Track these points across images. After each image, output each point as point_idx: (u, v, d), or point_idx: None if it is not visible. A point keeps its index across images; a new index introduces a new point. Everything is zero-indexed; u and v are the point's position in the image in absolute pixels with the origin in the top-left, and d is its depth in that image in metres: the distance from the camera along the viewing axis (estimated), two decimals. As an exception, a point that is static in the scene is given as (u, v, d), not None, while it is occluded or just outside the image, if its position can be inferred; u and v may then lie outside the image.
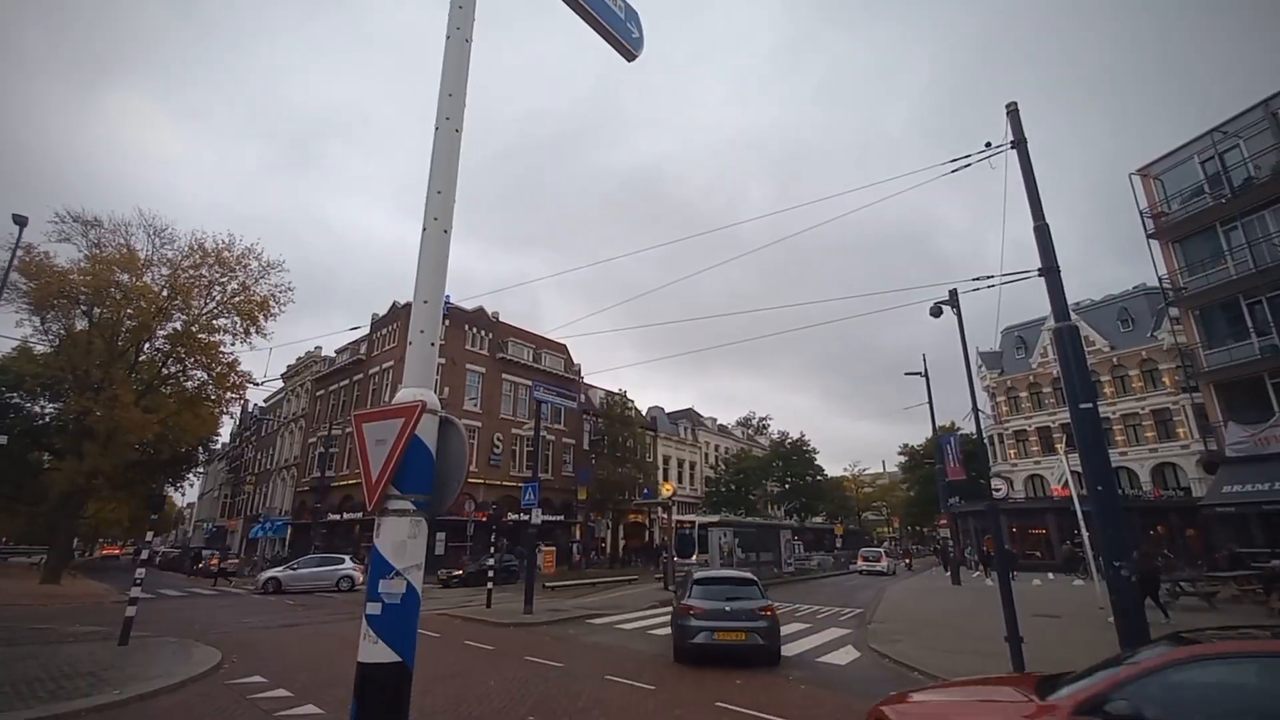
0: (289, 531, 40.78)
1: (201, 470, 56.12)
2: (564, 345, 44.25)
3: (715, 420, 62.86)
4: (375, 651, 2.70)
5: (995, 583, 12.65)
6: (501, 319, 39.93)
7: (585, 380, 45.50)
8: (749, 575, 12.07)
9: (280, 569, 24.45)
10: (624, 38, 4.55)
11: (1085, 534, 20.48)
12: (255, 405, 57.56)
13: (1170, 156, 23.81)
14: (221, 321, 25.24)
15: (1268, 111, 20.78)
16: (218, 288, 24.76)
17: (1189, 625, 13.00)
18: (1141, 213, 24.00)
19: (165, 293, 23.62)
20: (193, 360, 25.77)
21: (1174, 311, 25.65)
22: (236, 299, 24.99)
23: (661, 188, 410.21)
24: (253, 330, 25.24)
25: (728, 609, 10.33)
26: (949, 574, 28.52)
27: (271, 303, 25.27)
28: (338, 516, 34.74)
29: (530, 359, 40.40)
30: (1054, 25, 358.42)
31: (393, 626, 2.74)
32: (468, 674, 9.20)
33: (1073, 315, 10.17)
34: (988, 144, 10.63)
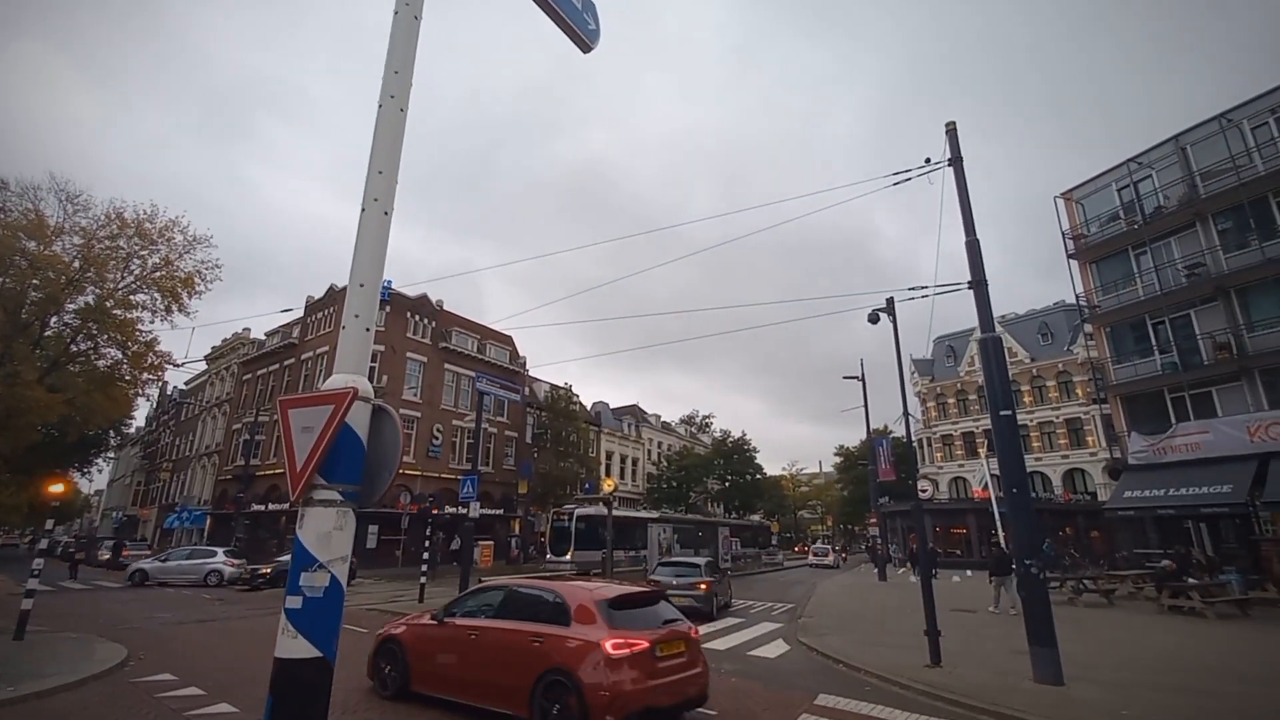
0: (208, 522, 38.71)
1: (112, 455, 52.50)
2: (509, 337, 43.63)
3: (659, 417, 63.32)
4: (294, 647, 2.61)
5: (919, 579, 13.23)
6: (445, 308, 39.00)
7: (530, 373, 45.00)
8: (697, 560, 17.17)
9: (149, 560, 24.10)
10: (581, 29, 4.51)
11: (1001, 534, 21.69)
12: (175, 388, 54.28)
13: (1091, 182, 25.44)
14: (140, 297, 23.55)
15: (1178, 146, 22.48)
16: (137, 261, 23.10)
17: (1087, 620, 13.95)
18: (1063, 234, 25.55)
19: (77, 264, 21.88)
20: (106, 337, 23.96)
21: (1088, 328, 27.50)
22: (158, 274, 23.38)
23: (608, 183, 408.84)
24: (175, 308, 23.67)
25: (675, 582, 15.16)
26: (877, 571, 29.70)
27: (197, 280, 23.75)
28: (262, 507, 33.19)
29: (474, 349, 39.61)
30: (987, 53, 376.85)
31: (314, 621, 2.65)
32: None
33: (997, 327, 10.75)
34: (927, 160, 11.09)
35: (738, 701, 7.77)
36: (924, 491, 21.22)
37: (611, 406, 57.49)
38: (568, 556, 27.56)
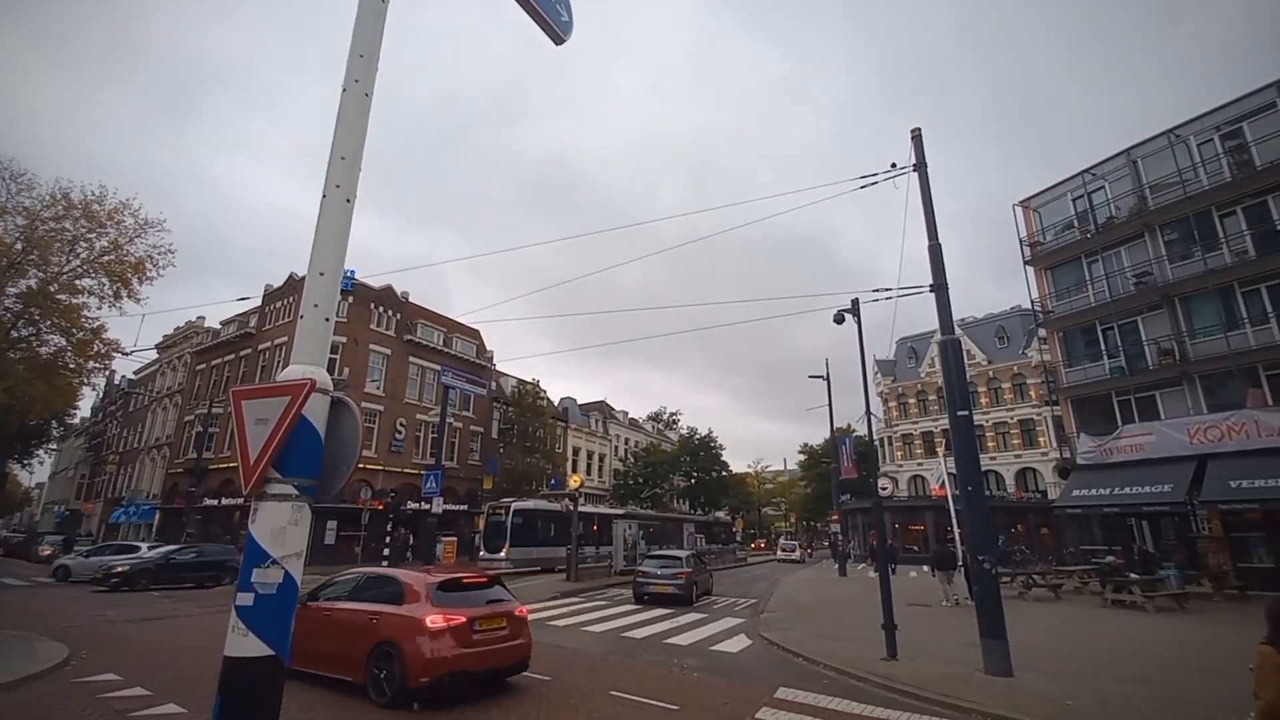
0: (157, 517, 37.33)
1: (54, 447, 50.26)
2: (477, 330, 43.07)
3: (627, 414, 63.35)
4: (245, 645, 2.53)
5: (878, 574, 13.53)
6: (411, 300, 38.29)
7: (497, 367, 44.53)
8: (679, 554, 19.30)
9: (71, 556, 23.75)
10: (554, 20, 4.45)
11: (957, 531, 22.29)
12: (123, 377, 52.15)
13: (1048, 191, 26.32)
14: (87, 282, 22.49)
15: (1129, 159, 23.40)
16: (84, 244, 22.07)
17: (1036, 614, 14.40)
18: (1021, 241, 26.38)
19: (19, 245, 20.84)
20: (49, 323, 22.89)
21: (1042, 332, 28.46)
22: (106, 258, 22.37)
23: (575, 176, 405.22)
24: (124, 294, 22.72)
25: (659, 573, 17.61)
26: (837, 566, 30.29)
27: (148, 265, 22.82)
28: (215, 501, 32.17)
29: (440, 343, 38.99)
30: (951, 64, 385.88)
31: (266, 618, 2.58)
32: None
33: (957, 330, 11.02)
34: (893, 165, 11.31)
35: (699, 696, 7.84)
36: (884, 489, 21.79)
37: (579, 402, 57.31)
38: (502, 554, 25.85)
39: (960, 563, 19.00)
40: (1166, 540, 22.44)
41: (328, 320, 3.01)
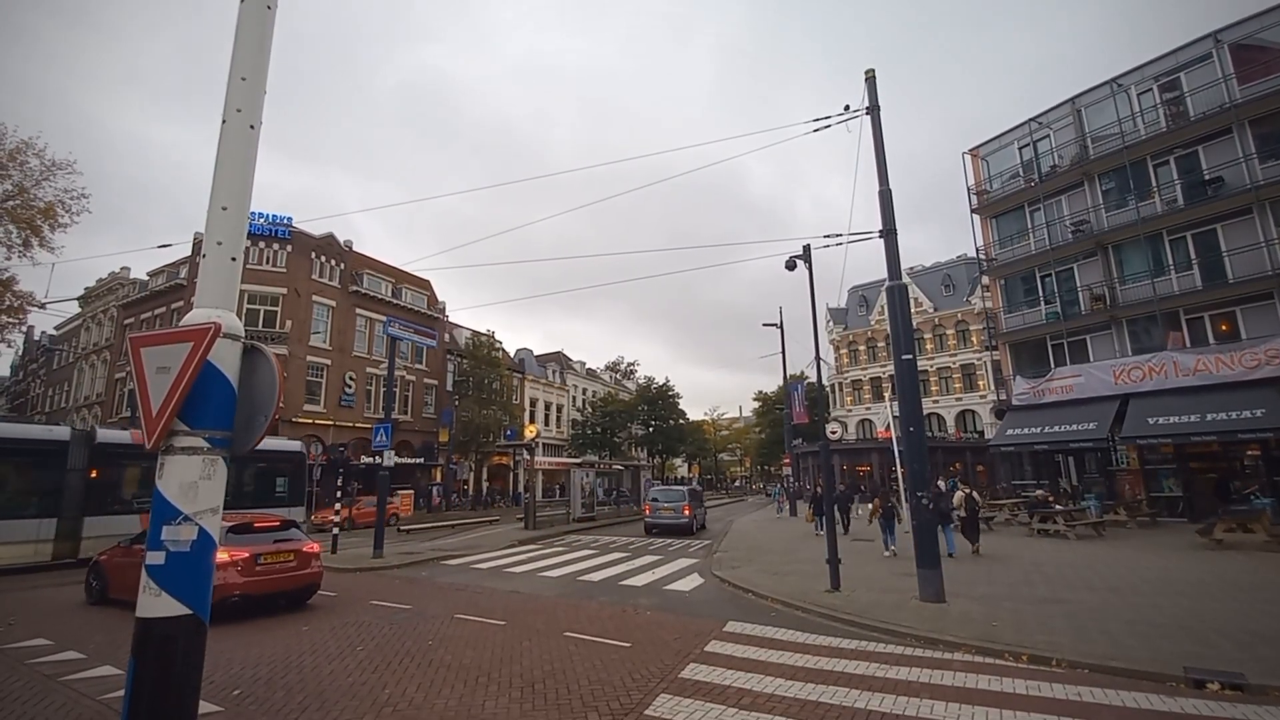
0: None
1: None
2: (427, 281, 41.79)
3: (584, 364, 63.25)
4: (158, 605, 2.40)
5: (822, 519, 14.04)
6: (356, 249, 36.69)
7: (449, 319, 43.53)
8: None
9: None
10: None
11: (900, 471, 23.31)
12: (43, 333, 48.91)
13: (996, 140, 26.65)
14: (-11, 230, 20.72)
15: (1074, 108, 23.81)
16: (-19, 187, 20.20)
17: (963, 545, 15.23)
18: (969, 189, 26.82)
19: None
20: (-49, 276, 21.10)
21: (985, 279, 29.36)
22: (11, 203, 20.57)
23: (459, 102, 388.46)
24: (35, 243, 21.05)
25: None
26: (788, 507, 31.49)
27: (59, 210, 21.12)
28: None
29: (389, 294, 37.75)
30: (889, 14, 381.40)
31: (180, 576, 2.45)
32: (304, 621, 8.71)
33: (905, 277, 11.18)
34: (846, 107, 11.16)
35: (651, 633, 8.08)
36: (834, 433, 22.55)
37: (536, 353, 56.85)
38: None
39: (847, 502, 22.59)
40: (1089, 474, 24.05)
41: (234, 260, 2.78)
